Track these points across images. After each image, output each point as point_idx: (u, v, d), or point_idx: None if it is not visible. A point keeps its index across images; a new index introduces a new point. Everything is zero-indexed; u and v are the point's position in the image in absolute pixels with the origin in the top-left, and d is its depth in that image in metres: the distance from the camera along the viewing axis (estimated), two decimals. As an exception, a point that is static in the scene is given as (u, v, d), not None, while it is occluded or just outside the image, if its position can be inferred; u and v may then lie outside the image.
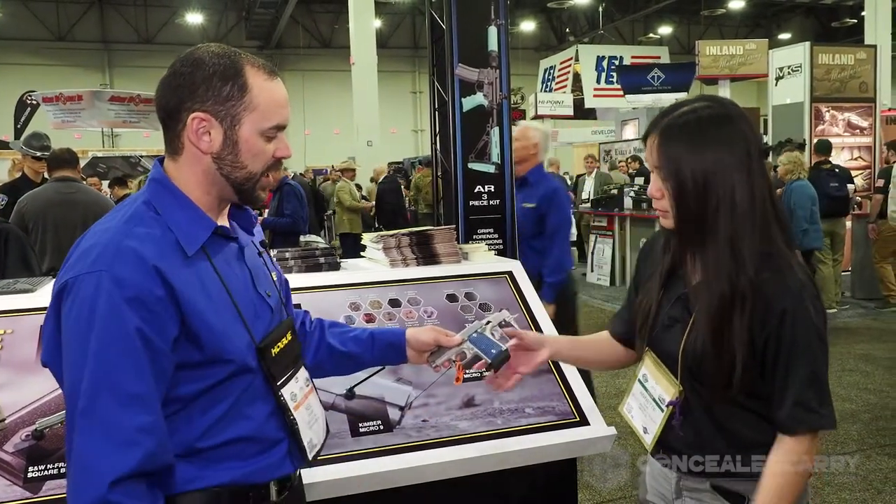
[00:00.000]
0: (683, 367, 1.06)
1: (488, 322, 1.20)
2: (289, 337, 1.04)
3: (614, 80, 10.94)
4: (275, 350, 0.99)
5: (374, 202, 8.33)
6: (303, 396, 1.04)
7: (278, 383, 0.99)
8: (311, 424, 1.03)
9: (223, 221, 1.01)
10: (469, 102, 3.06)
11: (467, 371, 1.54)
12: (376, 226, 8.07)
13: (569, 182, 11.65)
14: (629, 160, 9.26)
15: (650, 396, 1.14)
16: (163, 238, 0.90)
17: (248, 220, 1.06)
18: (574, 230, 9.24)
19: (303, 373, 1.06)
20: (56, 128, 9.10)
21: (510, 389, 1.23)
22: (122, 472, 0.82)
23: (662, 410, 1.10)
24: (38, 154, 3.98)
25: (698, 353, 1.03)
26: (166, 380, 0.88)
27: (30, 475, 1.25)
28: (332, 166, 11.14)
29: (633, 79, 10.77)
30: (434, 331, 1.20)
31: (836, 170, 5.93)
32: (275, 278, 1.09)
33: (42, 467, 1.26)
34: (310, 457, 1.03)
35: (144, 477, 0.84)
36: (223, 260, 0.97)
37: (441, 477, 1.41)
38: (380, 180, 8.54)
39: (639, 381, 1.17)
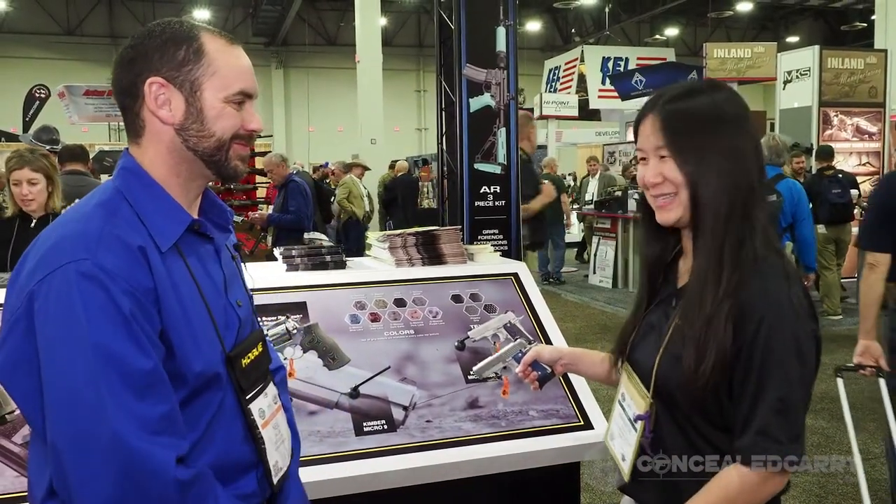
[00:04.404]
0: (657, 377, 0.97)
1: (531, 342, 1.26)
2: (259, 348, 0.97)
3: (639, 81, 10.58)
4: (245, 361, 0.92)
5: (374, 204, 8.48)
6: (271, 414, 0.96)
7: (247, 397, 0.91)
8: (277, 445, 0.96)
9: (194, 214, 0.93)
10: (476, 103, 3.06)
11: (473, 375, 1.55)
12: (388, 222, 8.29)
13: (573, 183, 11.58)
14: (633, 161, 9.24)
15: (627, 417, 1.05)
16: (140, 230, 0.84)
17: (223, 215, 0.97)
18: (571, 231, 9.27)
19: (272, 389, 0.99)
20: (70, 123, 9.13)
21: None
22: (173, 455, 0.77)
23: (636, 430, 1.01)
24: (47, 147, 4.02)
25: (671, 361, 0.94)
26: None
27: (37, 469, 1.26)
28: (328, 164, 11.12)
29: (664, 77, 10.46)
30: None
31: (840, 175, 5.90)
32: (247, 287, 1.01)
33: (49, 461, 1.26)
34: (274, 480, 0.94)
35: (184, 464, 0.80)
36: (197, 260, 0.90)
37: (444, 478, 1.41)
38: (397, 177, 8.73)
39: (618, 402, 1.08)
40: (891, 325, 2.33)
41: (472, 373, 1.53)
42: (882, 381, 2.17)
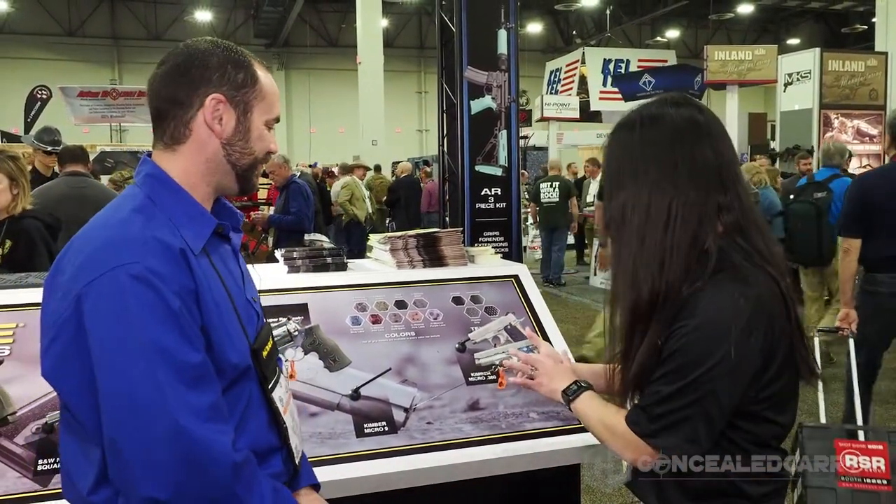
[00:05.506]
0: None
1: (534, 348, 1.29)
2: (271, 341, 1.04)
3: (647, 82, 10.53)
4: (264, 352, 0.99)
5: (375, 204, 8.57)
6: (286, 402, 1.04)
7: (269, 386, 0.99)
8: (294, 430, 1.04)
9: None
10: (477, 105, 3.07)
11: (478, 374, 1.56)
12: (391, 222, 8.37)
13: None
14: None
15: None
16: (175, 233, 0.89)
17: (233, 216, 1.03)
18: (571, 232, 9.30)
19: (283, 378, 1.06)
20: (74, 124, 9.12)
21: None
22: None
23: None
24: (49, 148, 4.03)
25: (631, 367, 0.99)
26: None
27: (39, 468, 1.26)
28: (317, 164, 11.10)
29: (673, 79, 10.37)
30: None
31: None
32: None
33: (52, 460, 1.27)
34: (297, 462, 1.02)
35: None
36: (220, 260, 0.96)
37: (444, 480, 1.41)
38: (401, 177, 8.78)
39: None
40: (862, 303, 2.83)
41: (475, 357, 1.55)
42: (851, 341, 2.73)
